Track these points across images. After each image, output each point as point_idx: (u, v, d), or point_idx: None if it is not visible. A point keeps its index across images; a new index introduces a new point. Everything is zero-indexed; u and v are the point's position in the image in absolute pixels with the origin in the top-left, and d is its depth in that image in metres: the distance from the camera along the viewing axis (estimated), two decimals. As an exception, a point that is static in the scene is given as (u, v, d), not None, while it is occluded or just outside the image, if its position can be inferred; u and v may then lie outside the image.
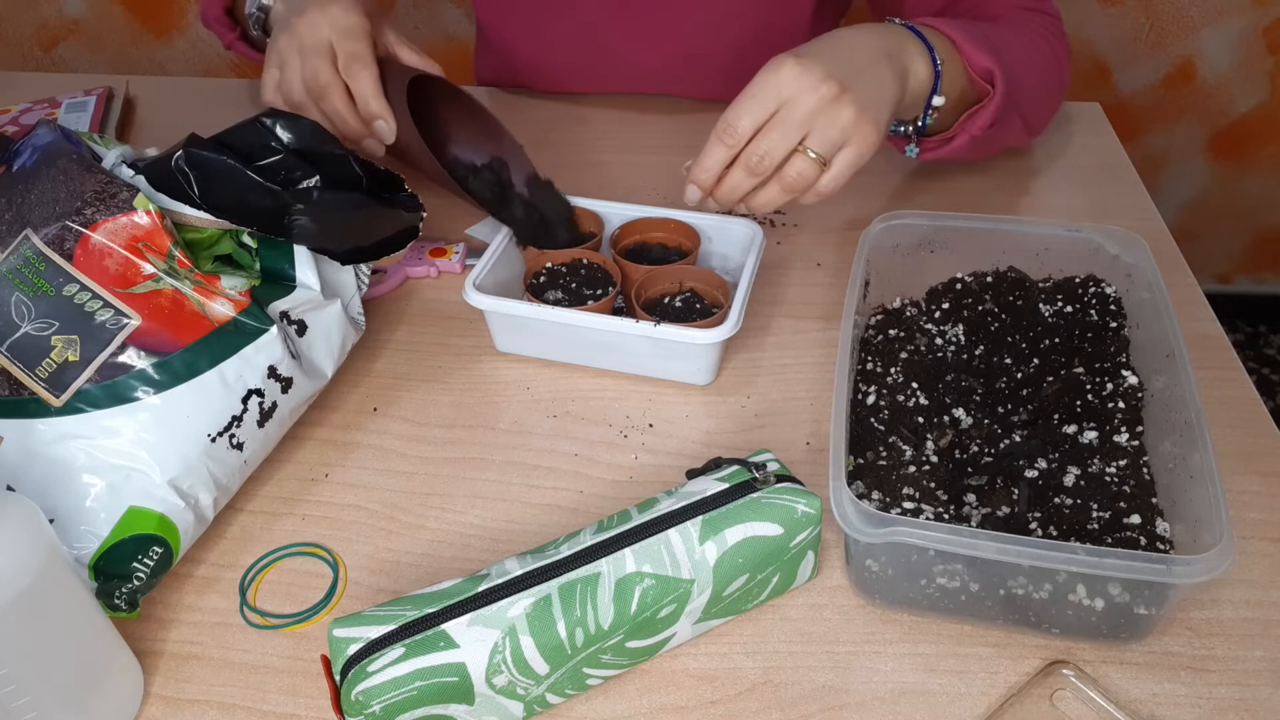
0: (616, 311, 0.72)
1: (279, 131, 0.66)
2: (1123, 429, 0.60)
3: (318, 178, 0.65)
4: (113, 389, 0.56)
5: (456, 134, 0.88)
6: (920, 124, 0.78)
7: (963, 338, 0.70)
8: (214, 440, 0.59)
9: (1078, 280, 0.70)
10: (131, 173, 0.61)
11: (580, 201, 0.80)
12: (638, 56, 1.02)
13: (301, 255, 0.65)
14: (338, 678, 0.48)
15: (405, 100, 0.77)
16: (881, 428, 0.61)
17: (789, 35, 1.00)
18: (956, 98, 0.77)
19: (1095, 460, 0.59)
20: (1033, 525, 0.56)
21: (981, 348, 0.69)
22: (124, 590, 0.55)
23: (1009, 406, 0.65)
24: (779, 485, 0.55)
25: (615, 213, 0.79)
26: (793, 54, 0.67)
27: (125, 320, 0.57)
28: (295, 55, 0.78)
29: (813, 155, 0.66)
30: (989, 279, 0.71)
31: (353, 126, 0.78)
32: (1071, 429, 0.61)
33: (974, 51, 0.75)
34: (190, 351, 0.58)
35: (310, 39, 0.77)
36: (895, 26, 0.75)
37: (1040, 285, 0.71)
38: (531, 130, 1.01)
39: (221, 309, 0.59)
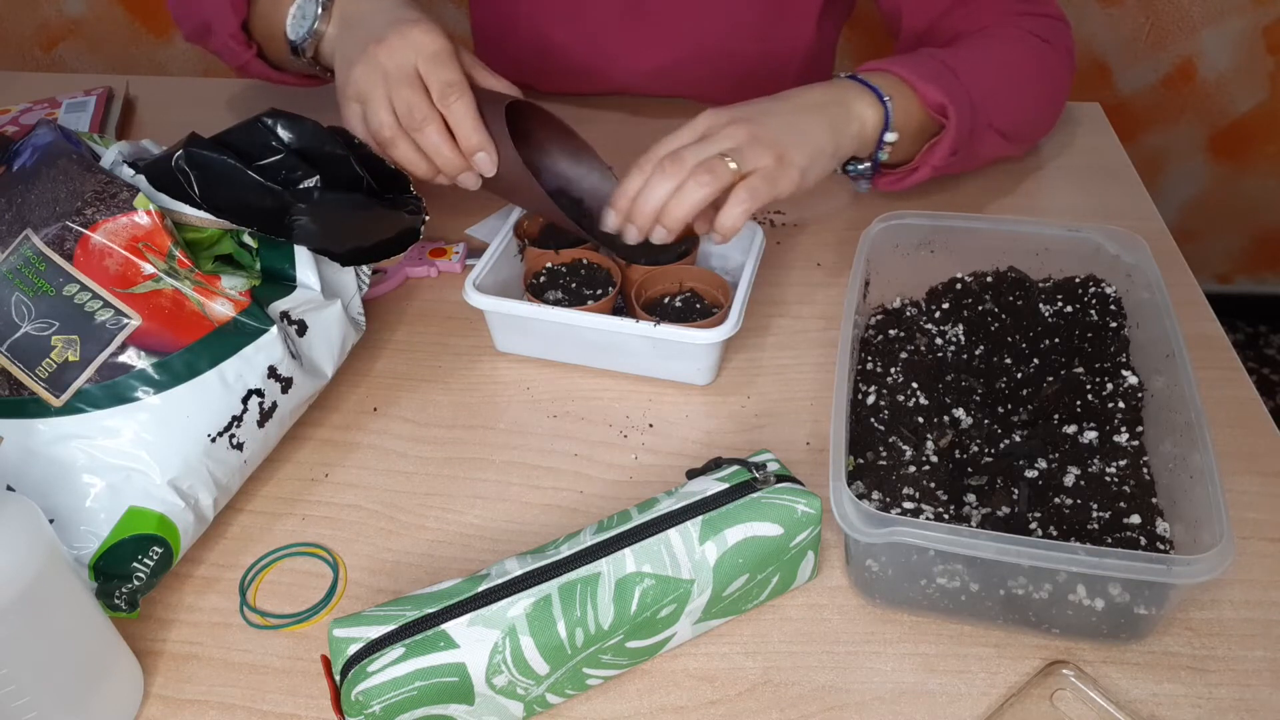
0: (616, 311, 0.72)
1: (280, 131, 0.66)
2: (1123, 429, 0.60)
3: (318, 178, 0.65)
4: (113, 389, 0.56)
5: (543, 157, 0.80)
6: (874, 160, 0.80)
7: (963, 338, 0.70)
8: (214, 440, 0.59)
9: (1078, 280, 0.70)
10: (132, 172, 0.61)
11: None
12: (640, 61, 1.02)
13: (302, 255, 0.65)
14: (338, 678, 0.48)
15: (507, 129, 0.71)
16: (881, 428, 0.61)
17: (794, 38, 1.00)
18: (915, 130, 0.79)
19: (1095, 460, 0.59)
20: (1033, 525, 0.56)
21: (981, 348, 0.69)
22: (124, 590, 0.55)
23: (1009, 406, 0.65)
24: (779, 485, 0.55)
25: None
26: (712, 108, 0.71)
27: (125, 320, 0.57)
28: (380, 86, 0.71)
29: (732, 166, 0.67)
30: (989, 279, 0.71)
31: (452, 161, 0.71)
32: (1071, 429, 0.61)
33: (925, 87, 0.77)
34: (190, 351, 0.58)
35: (395, 68, 0.70)
36: (839, 80, 0.78)
37: (1040, 285, 0.71)
38: (531, 130, 1.02)
39: (222, 309, 0.59)
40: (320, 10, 0.79)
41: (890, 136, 0.77)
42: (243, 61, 0.89)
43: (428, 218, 0.72)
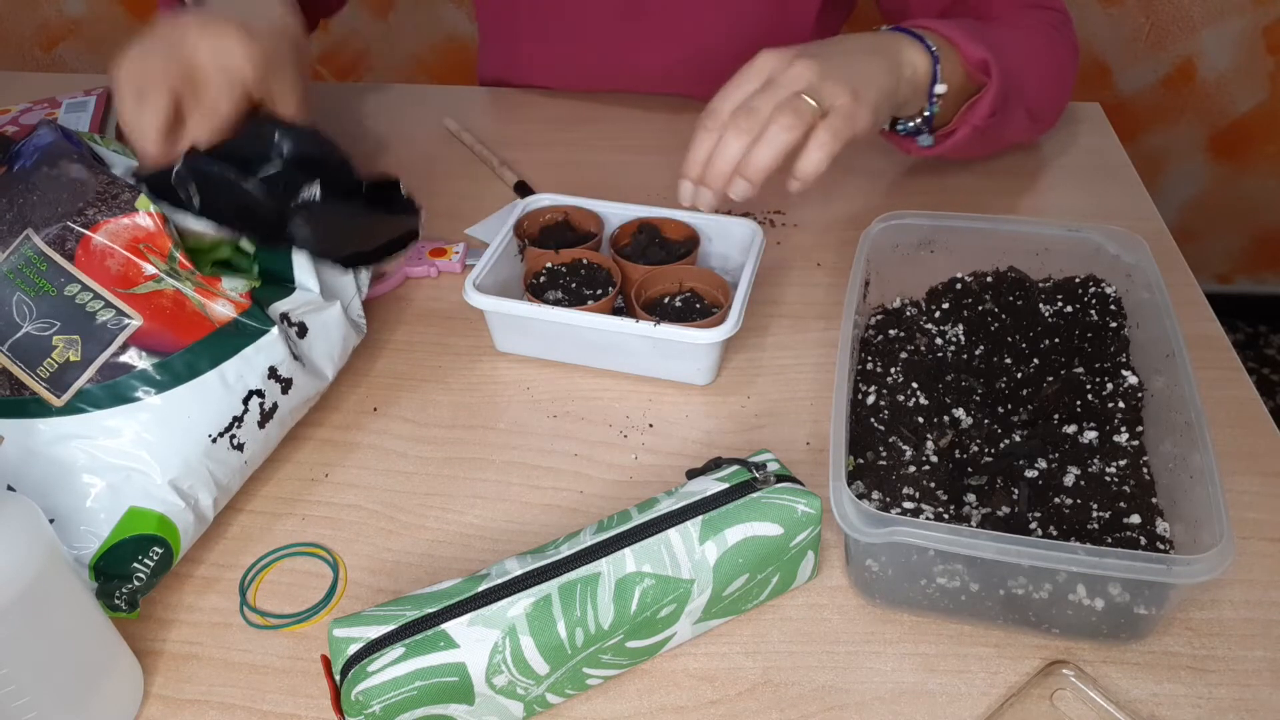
0: (616, 312, 0.72)
1: (278, 141, 0.66)
2: (1123, 429, 0.60)
3: (318, 186, 0.65)
4: (114, 389, 0.56)
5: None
6: (927, 114, 0.78)
7: (963, 338, 0.70)
8: (214, 441, 0.59)
9: (1078, 280, 0.70)
10: (133, 182, 0.61)
11: (580, 201, 0.80)
12: (642, 59, 1.02)
13: (299, 257, 0.65)
14: (338, 678, 0.48)
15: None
16: (881, 428, 0.61)
17: (794, 36, 1.00)
18: (957, 89, 0.78)
19: (1095, 460, 0.59)
20: (1033, 525, 0.56)
21: (981, 348, 0.69)
22: (124, 590, 0.55)
23: (1009, 406, 0.65)
24: (779, 485, 0.55)
25: (615, 213, 0.79)
26: (769, 49, 0.67)
27: (126, 320, 0.57)
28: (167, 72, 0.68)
29: (812, 104, 0.64)
30: (989, 279, 0.71)
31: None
32: (1071, 429, 0.61)
33: (968, 44, 0.77)
34: (191, 352, 0.58)
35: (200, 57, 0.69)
36: (885, 31, 0.77)
37: (1040, 285, 0.71)
38: (533, 129, 1.02)
39: (222, 310, 0.59)
40: None
41: (940, 88, 0.76)
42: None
43: (424, 215, 0.72)
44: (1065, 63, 0.89)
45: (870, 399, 0.63)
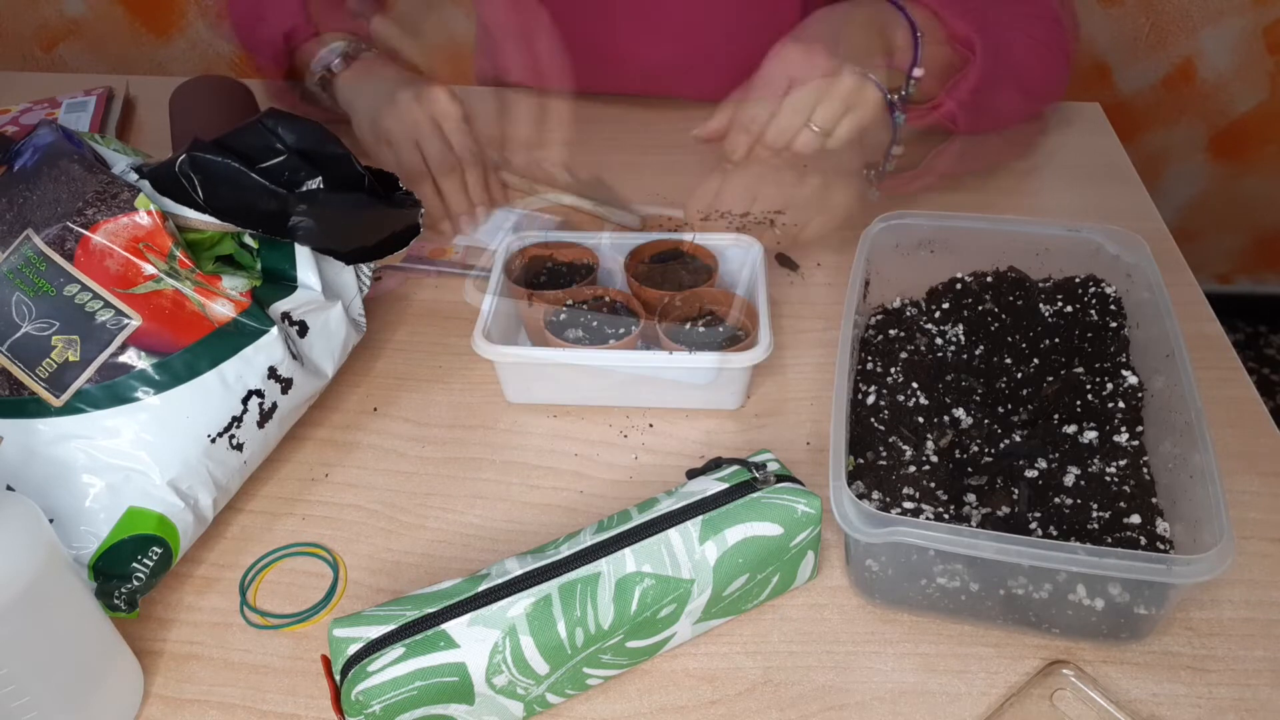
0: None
1: (281, 133, 0.66)
2: (1123, 429, 0.60)
3: (320, 178, 0.65)
4: (113, 389, 0.56)
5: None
6: (903, 93, 0.80)
7: (963, 338, 0.70)
8: (214, 441, 0.59)
9: (1078, 280, 0.70)
10: (136, 176, 0.61)
11: (574, 237, 0.77)
12: (637, 58, 1.02)
13: (303, 256, 0.65)
14: (338, 678, 0.48)
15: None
16: (881, 428, 0.61)
17: (786, 33, 1.00)
18: (940, 68, 0.80)
19: (1095, 460, 0.59)
20: (1033, 525, 0.56)
21: (981, 348, 0.69)
22: (123, 590, 0.55)
23: (1009, 406, 0.65)
24: (779, 485, 0.55)
25: (619, 240, 0.76)
26: (794, 39, 0.74)
27: (126, 320, 0.57)
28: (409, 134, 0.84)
29: (815, 129, 0.73)
30: (989, 279, 0.71)
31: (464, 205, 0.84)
32: (1071, 429, 0.61)
33: (953, 19, 0.79)
34: (190, 352, 0.58)
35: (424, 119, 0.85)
36: (878, 1, 0.79)
37: (1040, 285, 0.71)
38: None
39: (222, 309, 0.59)
40: (340, 60, 0.89)
41: (918, 72, 0.79)
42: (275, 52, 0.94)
43: (423, 211, 0.72)
44: (1064, 40, 0.89)
45: (870, 399, 0.63)
